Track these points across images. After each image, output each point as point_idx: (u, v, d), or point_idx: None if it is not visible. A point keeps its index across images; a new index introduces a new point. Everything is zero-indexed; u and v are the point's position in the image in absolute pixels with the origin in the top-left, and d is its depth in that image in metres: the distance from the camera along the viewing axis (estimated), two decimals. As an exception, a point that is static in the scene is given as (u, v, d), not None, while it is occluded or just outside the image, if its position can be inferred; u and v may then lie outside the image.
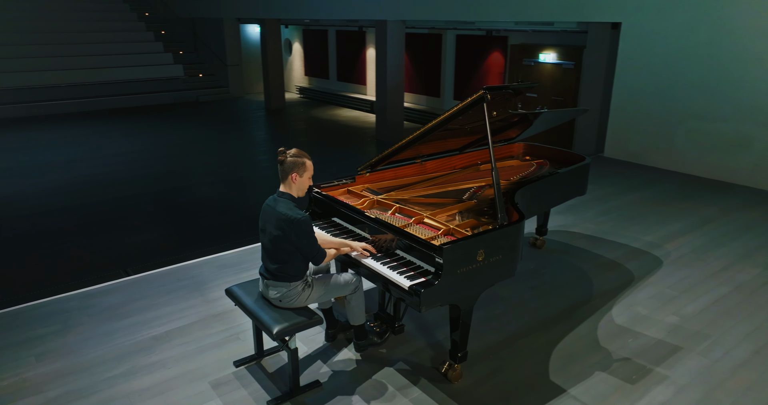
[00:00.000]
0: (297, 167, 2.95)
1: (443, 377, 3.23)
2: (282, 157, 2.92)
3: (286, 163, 2.92)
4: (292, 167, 2.94)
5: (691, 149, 7.30)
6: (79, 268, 5.58)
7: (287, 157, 2.91)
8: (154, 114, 14.79)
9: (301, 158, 2.94)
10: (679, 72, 7.20)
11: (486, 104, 3.07)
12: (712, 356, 3.45)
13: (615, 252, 4.96)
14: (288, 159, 2.91)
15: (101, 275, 4.83)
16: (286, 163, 2.92)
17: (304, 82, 18.73)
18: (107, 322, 3.84)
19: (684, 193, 6.60)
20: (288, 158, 2.91)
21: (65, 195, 7.94)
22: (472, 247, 2.91)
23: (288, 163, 2.92)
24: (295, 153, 2.94)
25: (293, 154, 2.93)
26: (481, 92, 3.00)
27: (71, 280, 5.06)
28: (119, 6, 18.96)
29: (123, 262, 5.62)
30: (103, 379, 3.22)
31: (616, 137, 8.07)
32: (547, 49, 10.73)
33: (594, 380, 3.22)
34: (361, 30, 15.45)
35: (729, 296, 4.18)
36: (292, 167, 2.94)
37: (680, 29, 7.07)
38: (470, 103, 3.11)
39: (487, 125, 3.10)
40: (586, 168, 4.48)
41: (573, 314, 3.94)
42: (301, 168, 2.95)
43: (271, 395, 3.09)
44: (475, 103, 3.08)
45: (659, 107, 7.49)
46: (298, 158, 2.93)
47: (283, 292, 2.97)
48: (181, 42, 18.69)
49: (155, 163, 9.70)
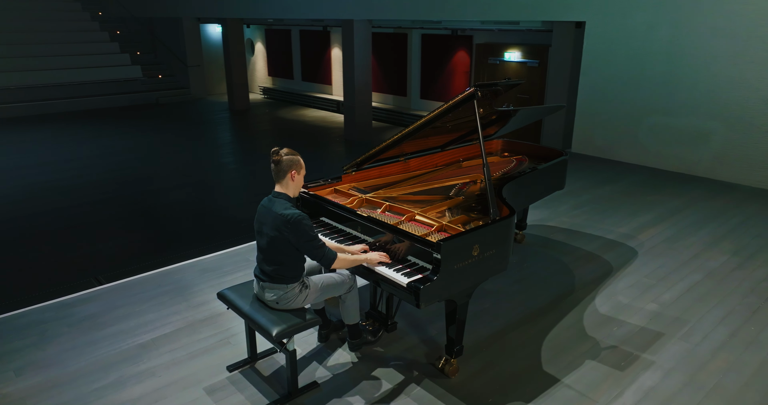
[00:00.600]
0: (295, 165, 2.93)
1: (439, 372, 3.26)
2: (277, 157, 2.88)
3: (284, 162, 2.89)
4: (290, 165, 2.92)
5: (654, 143, 7.57)
6: (48, 277, 5.35)
7: (283, 157, 2.88)
8: (113, 117, 14.33)
9: (296, 156, 2.93)
10: (641, 69, 7.45)
11: (476, 101, 3.11)
12: (692, 340, 3.59)
13: (592, 244, 5.10)
14: (284, 158, 2.88)
15: (73, 284, 4.66)
16: (283, 162, 2.89)
17: (267, 83, 18.50)
18: (88, 331, 3.70)
19: (650, 185, 6.85)
20: (284, 157, 2.88)
21: (22, 202, 7.60)
22: (468, 243, 2.94)
23: (285, 161, 2.89)
24: (289, 151, 2.91)
25: (287, 152, 2.90)
26: (472, 89, 3.04)
27: (41, 290, 4.86)
28: (70, 5, 18.27)
29: (93, 270, 5.42)
30: (91, 390, 3.11)
31: (583, 133, 8.30)
32: (512, 48, 10.93)
33: (585, 369, 3.31)
34: (325, 29, 15.37)
35: (702, 283, 4.36)
36: (290, 165, 2.92)
37: (642, 28, 7.32)
38: (461, 100, 3.15)
39: (477, 122, 3.14)
40: (565, 163, 4.60)
41: (558, 305, 4.04)
42: (297, 165, 2.94)
43: (268, 398, 3.05)
44: (466, 100, 3.12)
45: (623, 103, 7.74)
46: (294, 156, 2.91)
47: (280, 295, 2.94)
48: (139, 42, 18.16)
49: (117, 168, 9.39)
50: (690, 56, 6.99)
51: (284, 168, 2.89)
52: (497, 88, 3.28)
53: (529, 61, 10.68)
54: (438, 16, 9.62)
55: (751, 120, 6.66)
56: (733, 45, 6.62)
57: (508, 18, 8.56)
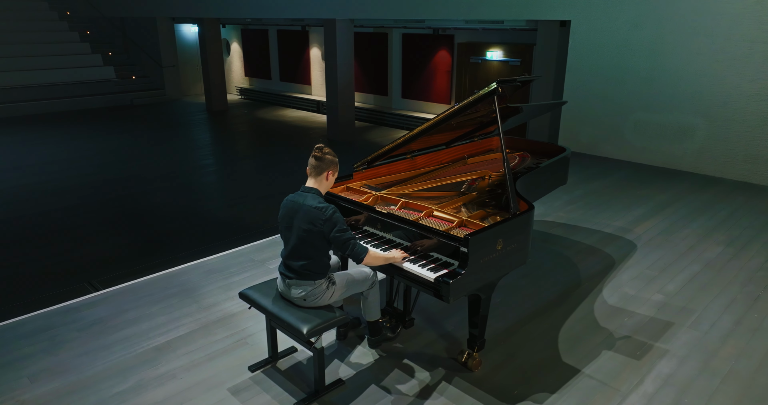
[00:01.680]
0: (334, 166, 2.95)
1: (462, 366, 3.28)
2: (319, 153, 2.90)
3: (325, 160, 2.90)
4: (329, 165, 2.93)
5: (639, 139, 7.77)
6: (38, 283, 5.17)
7: (325, 155, 2.90)
8: (86, 119, 13.94)
9: (336, 158, 2.97)
10: (625, 67, 7.64)
11: (497, 97, 3.14)
12: (701, 328, 3.70)
13: (591, 238, 5.21)
14: (326, 156, 2.90)
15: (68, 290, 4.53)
16: (325, 160, 2.90)
17: (244, 83, 18.28)
18: (100, 335, 3.61)
19: (637, 180, 7.02)
20: (326, 156, 2.90)
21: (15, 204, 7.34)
22: (493, 237, 2.98)
23: (327, 160, 2.91)
24: (331, 152, 2.94)
25: (329, 152, 2.93)
26: (494, 85, 3.07)
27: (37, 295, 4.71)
28: (37, 4, 17.72)
29: (83, 274, 5.25)
30: (111, 395, 3.04)
31: (569, 130, 8.45)
32: (494, 47, 11.05)
33: (603, 359, 3.38)
34: (304, 29, 15.27)
35: (702, 273, 4.49)
36: (329, 165, 2.93)
37: (625, 26, 7.50)
38: (483, 96, 3.17)
39: (498, 118, 3.17)
40: (567, 159, 4.68)
41: (567, 298, 4.11)
42: (335, 167, 2.97)
43: (295, 397, 3.03)
44: (487, 95, 3.15)
45: (608, 100, 7.92)
46: (335, 158, 2.95)
47: (309, 291, 2.92)
48: (110, 43, 17.73)
49: (92, 171, 9.11)
50: (672, 54, 7.20)
51: (324, 166, 2.90)
52: (517, 83, 3.33)
53: (511, 59, 10.82)
54: (422, 16, 9.67)
55: (733, 115, 6.90)
56: (713, 42, 6.84)
57: (492, 17, 8.66)
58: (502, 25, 9.45)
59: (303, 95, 15.96)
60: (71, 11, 18.12)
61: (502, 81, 3.11)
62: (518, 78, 3.29)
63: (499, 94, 3.12)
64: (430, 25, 11.42)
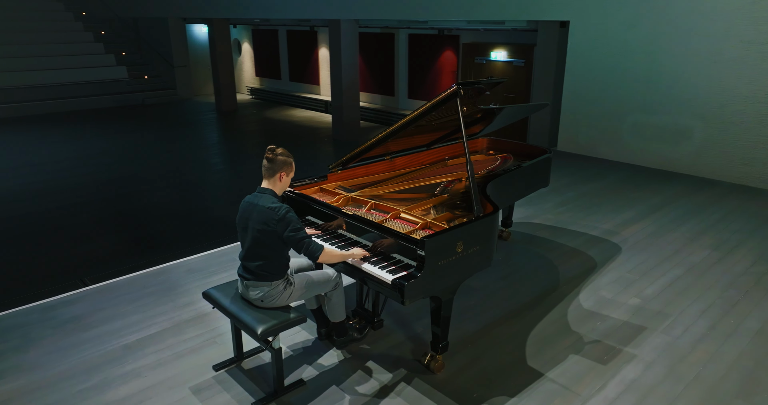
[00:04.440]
0: (286, 166, 2.96)
1: (425, 368, 3.29)
2: (271, 154, 2.91)
3: (277, 162, 2.91)
4: (281, 166, 2.94)
5: (636, 141, 7.67)
6: (33, 279, 5.31)
7: (277, 156, 2.91)
8: (98, 118, 14.20)
9: (289, 158, 2.97)
10: (623, 68, 7.54)
11: (459, 99, 3.13)
12: (673, 334, 3.65)
13: (576, 240, 5.16)
14: (279, 157, 2.91)
15: (58, 286, 4.62)
16: (276, 161, 2.91)
17: (255, 83, 18.44)
18: (72, 333, 3.69)
19: (633, 182, 6.93)
20: (278, 157, 2.91)
21: (6, 204, 7.52)
22: (452, 239, 2.97)
23: (278, 161, 2.92)
24: (284, 152, 2.94)
25: (282, 153, 2.93)
26: (454, 87, 3.07)
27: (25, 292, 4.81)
28: (53, 5, 18.07)
29: (78, 271, 5.38)
30: (75, 392, 3.10)
31: (568, 131, 8.38)
32: (498, 48, 11.00)
33: (569, 363, 3.35)
34: (312, 29, 15.36)
35: (683, 277, 4.43)
36: (281, 166, 2.94)
37: (623, 26, 7.41)
38: (444, 99, 3.17)
39: (460, 120, 3.17)
40: (549, 160, 4.64)
41: (543, 301, 4.08)
42: (289, 168, 2.97)
43: (254, 397, 3.06)
44: (449, 98, 3.15)
45: (606, 101, 7.83)
46: (287, 158, 2.95)
47: (266, 292, 2.95)
48: (124, 43, 18.02)
49: (102, 169, 9.32)
50: (669, 55, 7.09)
51: (276, 167, 2.92)
52: (480, 86, 3.32)
53: (515, 60, 10.75)
54: (424, 16, 9.66)
55: (730, 117, 6.77)
56: (710, 44, 6.72)
57: (492, 17, 8.62)
58: (503, 25, 9.40)
59: (311, 95, 16.05)
60: (86, 12, 18.45)
61: (463, 83, 3.11)
62: (482, 81, 3.27)
63: (461, 96, 3.12)
64: (433, 26, 11.40)
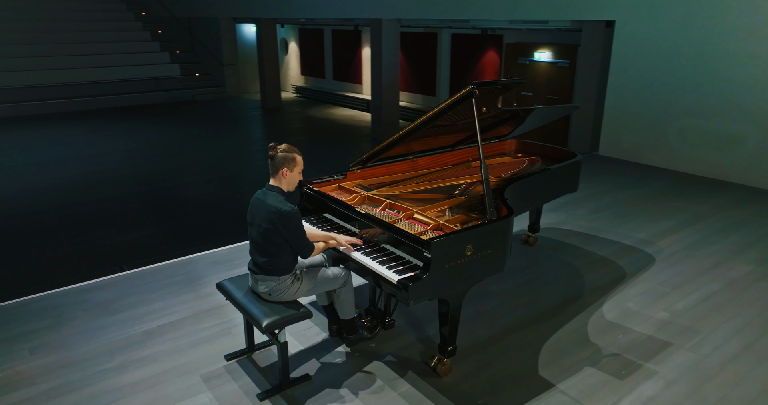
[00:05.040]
0: (288, 162, 2.97)
1: (432, 371, 3.24)
2: (272, 152, 2.94)
3: (277, 158, 2.94)
4: (282, 162, 2.96)
5: (683, 147, 7.33)
6: (74, 264, 5.56)
7: (278, 153, 2.94)
8: (150, 113, 14.76)
9: (292, 154, 2.97)
10: (671, 70, 7.22)
11: (474, 100, 3.08)
12: (701, 352, 3.46)
13: (607, 249, 4.98)
14: (279, 154, 2.94)
15: (95, 271, 4.83)
16: (276, 158, 2.94)
17: (300, 82, 18.73)
18: (100, 316, 3.84)
19: (676, 190, 6.63)
20: (279, 153, 2.94)
21: (59, 193, 7.92)
22: (461, 242, 2.92)
23: (279, 158, 2.94)
24: (286, 148, 2.96)
25: (284, 149, 2.95)
26: (469, 87, 3.01)
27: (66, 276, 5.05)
28: (115, 5, 18.93)
29: (118, 258, 5.60)
30: (95, 372, 3.23)
31: (610, 135, 8.10)
32: (542, 48, 10.75)
33: (583, 375, 3.24)
34: (356, 29, 15.46)
35: (720, 293, 4.20)
36: (282, 162, 2.96)
37: (673, 27, 7.10)
38: (459, 99, 3.12)
39: (475, 121, 3.11)
40: (578, 165, 4.50)
41: (563, 310, 3.96)
42: (291, 163, 2.98)
43: (261, 388, 3.10)
44: (464, 98, 3.10)
45: (652, 105, 7.52)
46: (289, 154, 2.96)
47: (272, 286, 2.98)
48: (178, 41, 18.67)
49: (149, 162, 9.68)
50: (723, 56, 6.73)
51: (277, 164, 2.95)
52: (497, 86, 3.24)
53: (559, 61, 10.48)
54: (466, 16, 9.55)
55: (788, 124, 6.37)
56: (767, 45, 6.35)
57: (535, 17, 8.43)
58: (546, 25, 9.18)
59: (354, 94, 16.16)
60: (146, 12, 19.23)
61: (479, 83, 3.04)
62: (499, 81, 3.20)
63: (476, 97, 3.06)
64: (474, 25, 11.26)
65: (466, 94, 3.08)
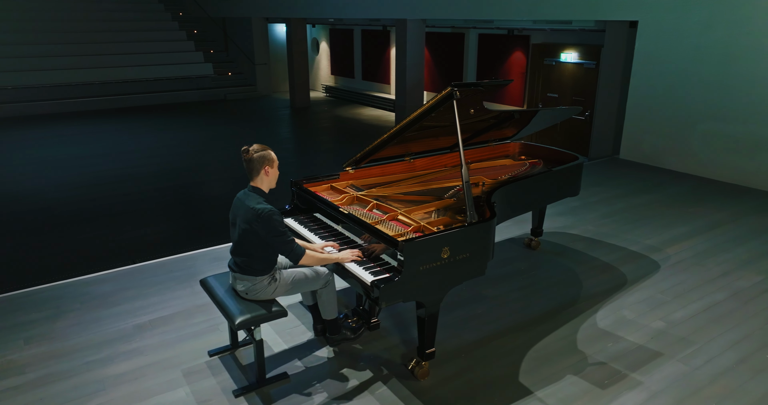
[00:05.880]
0: (268, 160, 3.01)
1: (411, 374, 3.23)
2: (248, 155, 2.97)
3: (255, 160, 2.98)
4: (263, 161, 3.00)
5: (706, 151, 7.06)
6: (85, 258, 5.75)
7: (253, 154, 2.97)
8: (182, 111, 15.15)
9: (267, 151, 3.01)
10: (695, 71, 6.97)
11: (456, 101, 3.05)
12: (692, 364, 3.34)
13: (612, 255, 4.85)
14: (255, 155, 2.97)
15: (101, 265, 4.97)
16: (255, 160, 2.98)
17: (330, 81, 18.88)
18: (97, 309, 3.98)
19: (695, 196, 6.39)
20: (255, 154, 2.97)
21: (86, 188, 8.22)
22: (436, 244, 2.90)
23: (257, 158, 2.98)
24: (259, 148, 3.00)
25: (257, 149, 2.99)
26: (448, 89, 2.98)
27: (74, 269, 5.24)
28: (154, 6, 19.50)
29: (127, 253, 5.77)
30: (82, 363, 3.34)
31: (631, 138, 7.87)
32: (569, 49, 10.53)
33: (564, 383, 3.17)
34: (385, 29, 15.48)
35: (723, 303, 4.03)
36: (263, 161, 3.00)
37: (697, 27, 6.84)
38: (440, 100, 3.10)
39: (457, 123, 3.07)
40: (578, 168, 4.40)
41: (556, 316, 3.88)
42: (270, 160, 3.02)
43: (239, 385, 3.15)
44: (445, 100, 3.07)
45: (675, 108, 7.27)
46: (264, 152, 2.99)
47: (249, 286, 3.03)
48: (213, 41, 19.09)
49: (175, 159, 9.94)
50: (749, 58, 6.45)
51: (257, 165, 2.98)
52: (479, 88, 3.20)
53: (585, 62, 10.24)
54: (489, 16, 9.45)
55: (817, 129, 6.06)
56: (799, 46, 6.05)
57: (558, 17, 8.26)
58: (570, 25, 8.99)
59: (382, 94, 16.19)
60: (183, 12, 19.74)
61: (459, 84, 3.01)
62: (482, 82, 3.15)
63: (457, 98, 3.02)
64: (498, 25, 11.12)
65: (446, 96, 3.04)
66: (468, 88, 3.12)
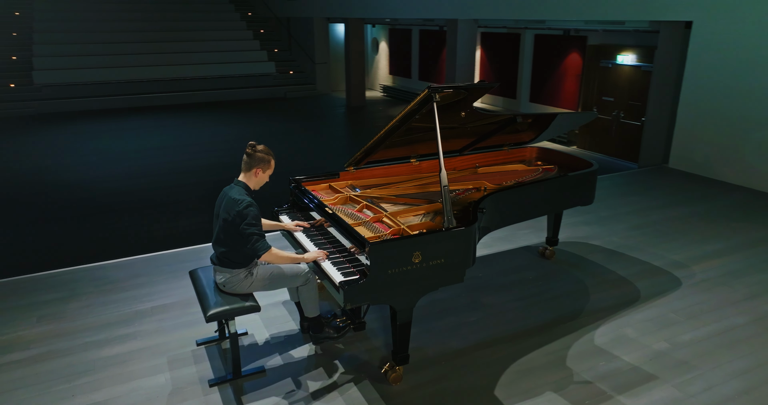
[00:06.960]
0: (263, 163, 3.10)
1: (384, 377, 3.21)
2: (251, 150, 3.06)
3: (255, 157, 3.07)
4: (259, 162, 3.09)
5: (762, 162, 6.51)
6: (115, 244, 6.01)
7: (256, 152, 3.06)
8: (242, 108, 15.70)
9: (268, 156, 3.09)
10: (752, 77, 6.44)
11: (436, 104, 2.99)
12: (688, 390, 3.10)
13: (630, 269, 4.58)
14: (257, 153, 3.06)
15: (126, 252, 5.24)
16: (254, 157, 3.07)
17: (388, 81, 18.96)
18: (107, 293, 4.22)
19: (743, 210, 5.91)
20: (257, 153, 3.06)
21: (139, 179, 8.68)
22: (406, 248, 2.86)
23: (257, 157, 3.07)
24: (264, 150, 3.08)
25: (262, 150, 3.07)
26: (426, 92, 2.93)
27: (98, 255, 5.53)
28: (225, 6, 20.36)
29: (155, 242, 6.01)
30: (80, 344, 3.56)
31: (682, 147, 7.39)
32: (626, 50, 10.01)
33: (540, 400, 3.04)
34: (441, 29, 15.35)
35: (742, 328, 3.72)
36: (259, 162, 3.09)
37: (755, 29, 6.31)
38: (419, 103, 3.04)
39: (436, 127, 3.01)
40: (591, 176, 4.18)
41: (552, 329, 3.72)
42: (265, 165, 3.10)
43: (216, 376, 3.25)
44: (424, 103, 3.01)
45: (730, 115, 6.75)
46: (266, 155, 3.08)
47: (227, 278, 3.11)
48: (277, 41, 19.67)
49: (226, 154, 10.30)
50: (815, 62, 5.89)
51: (253, 163, 3.07)
52: (461, 90, 3.11)
53: (643, 64, 9.70)
54: (540, 15, 9.16)
55: None
56: None
57: (610, 17, 7.89)
58: (623, 26, 8.55)
59: (436, 95, 16.07)
60: (252, 13, 20.48)
61: (436, 87, 2.94)
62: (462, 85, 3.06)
63: (437, 102, 2.96)
64: (550, 25, 10.75)
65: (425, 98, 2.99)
66: (446, 91, 3.04)
